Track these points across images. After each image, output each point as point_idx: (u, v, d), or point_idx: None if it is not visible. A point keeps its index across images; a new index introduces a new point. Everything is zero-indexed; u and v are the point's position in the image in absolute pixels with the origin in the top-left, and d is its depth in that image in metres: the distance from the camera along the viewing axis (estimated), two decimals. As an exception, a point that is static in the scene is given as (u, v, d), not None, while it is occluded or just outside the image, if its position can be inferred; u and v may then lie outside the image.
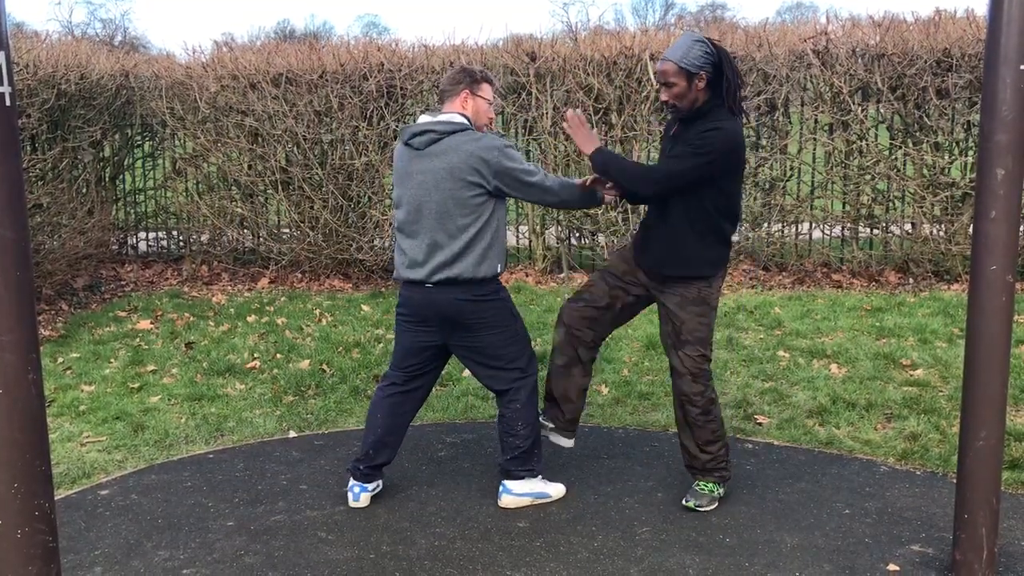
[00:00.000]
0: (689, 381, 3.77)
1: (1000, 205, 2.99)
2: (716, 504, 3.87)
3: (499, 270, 3.76)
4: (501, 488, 3.92)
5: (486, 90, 3.83)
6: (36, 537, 2.20)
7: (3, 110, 2.08)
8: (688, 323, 3.75)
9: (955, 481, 3.81)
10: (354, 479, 3.95)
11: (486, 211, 3.69)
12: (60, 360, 6.06)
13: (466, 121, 3.74)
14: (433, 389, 5.34)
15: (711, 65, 3.63)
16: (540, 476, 3.96)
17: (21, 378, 2.15)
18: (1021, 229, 3.28)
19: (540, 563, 3.43)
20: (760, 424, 4.77)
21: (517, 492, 3.90)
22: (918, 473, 4.17)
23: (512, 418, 3.85)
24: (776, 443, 4.54)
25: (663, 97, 3.71)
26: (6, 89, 2.08)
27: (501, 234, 3.79)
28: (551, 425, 4.06)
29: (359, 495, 3.93)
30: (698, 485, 3.90)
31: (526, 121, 8.15)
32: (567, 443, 4.09)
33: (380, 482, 4.02)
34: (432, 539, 3.63)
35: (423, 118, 3.74)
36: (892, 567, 3.35)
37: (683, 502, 3.87)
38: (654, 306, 4.11)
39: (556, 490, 3.99)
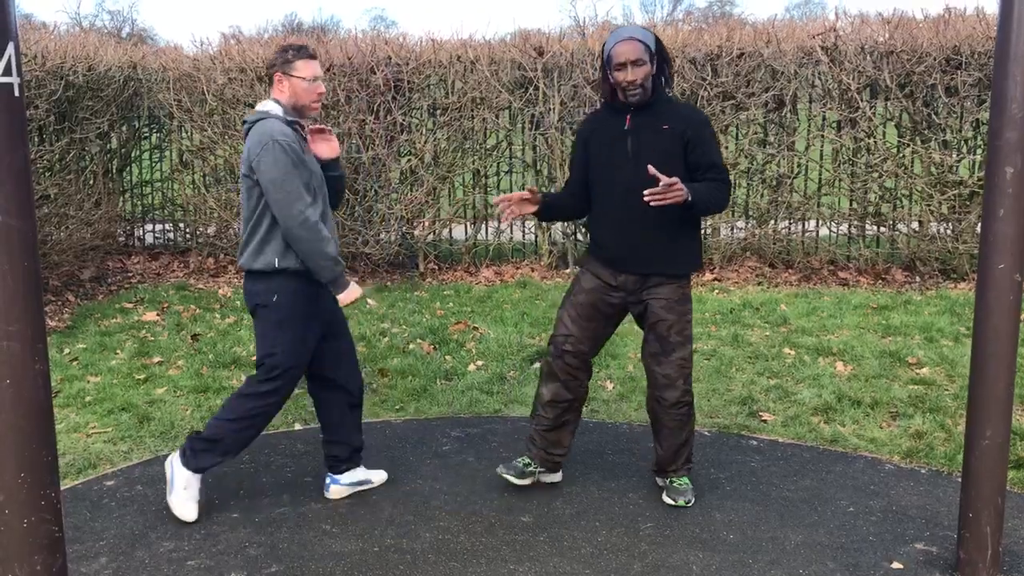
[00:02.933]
0: (680, 385, 3.74)
1: (1008, 204, 2.98)
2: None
3: (277, 264, 3.58)
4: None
5: (302, 68, 3.59)
6: (42, 527, 2.21)
7: (11, 101, 2.08)
8: (676, 324, 3.70)
9: (960, 480, 3.81)
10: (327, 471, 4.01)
11: (262, 200, 3.59)
12: (66, 351, 6.08)
13: (277, 107, 3.61)
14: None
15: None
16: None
17: (27, 368, 2.15)
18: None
19: (543, 558, 3.43)
20: (765, 421, 4.77)
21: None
22: (923, 471, 4.16)
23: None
24: (781, 440, 4.53)
25: (630, 77, 3.55)
26: (14, 80, 2.08)
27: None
28: (540, 468, 4.00)
29: (328, 486, 3.97)
30: (675, 482, 3.87)
31: (533, 116, 8.15)
32: (557, 477, 4.07)
33: (359, 473, 4.01)
34: (436, 532, 3.64)
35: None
36: (896, 565, 3.35)
37: (673, 502, 3.82)
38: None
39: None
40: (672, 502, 3.82)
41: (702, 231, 8.36)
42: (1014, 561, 3.36)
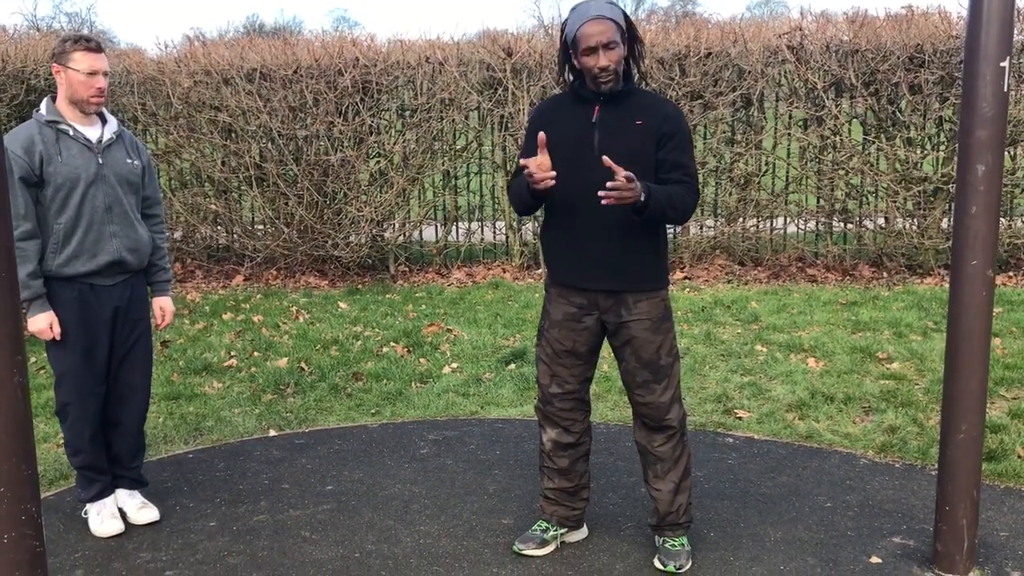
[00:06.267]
0: (677, 407, 3.29)
1: (981, 200, 3.02)
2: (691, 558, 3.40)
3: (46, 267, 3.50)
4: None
5: (78, 59, 3.37)
6: (23, 542, 2.17)
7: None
8: (664, 344, 3.22)
9: (934, 473, 3.86)
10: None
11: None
12: (33, 360, 5.98)
13: (45, 106, 3.45)
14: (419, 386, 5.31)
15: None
16: (86, 506, 3.78)
17: (7, 381, 2.11)
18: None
19: (525, 560, 3.43)
20: (740, 418, 4.80)
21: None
22: (897, 466, 4.21)
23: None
24: (756, 437, 4.57)
25: (602, 63, 3.02)
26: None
27: (59, 227, 3.48)
28: (563, 530, 3.53)
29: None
30: (670, 543, 3.38)
31: (502, 117, 8.14)
32: (583, 533, 3.61)
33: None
34: (417, 537, 3.62)
35: None
36: (874, 559, 3.39)
37: (662, 567, 3.32)
38: None
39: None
40: (661, 567, 3.33)
41: (672, 230, 8.43)
42: (989, 552, 3.41)
